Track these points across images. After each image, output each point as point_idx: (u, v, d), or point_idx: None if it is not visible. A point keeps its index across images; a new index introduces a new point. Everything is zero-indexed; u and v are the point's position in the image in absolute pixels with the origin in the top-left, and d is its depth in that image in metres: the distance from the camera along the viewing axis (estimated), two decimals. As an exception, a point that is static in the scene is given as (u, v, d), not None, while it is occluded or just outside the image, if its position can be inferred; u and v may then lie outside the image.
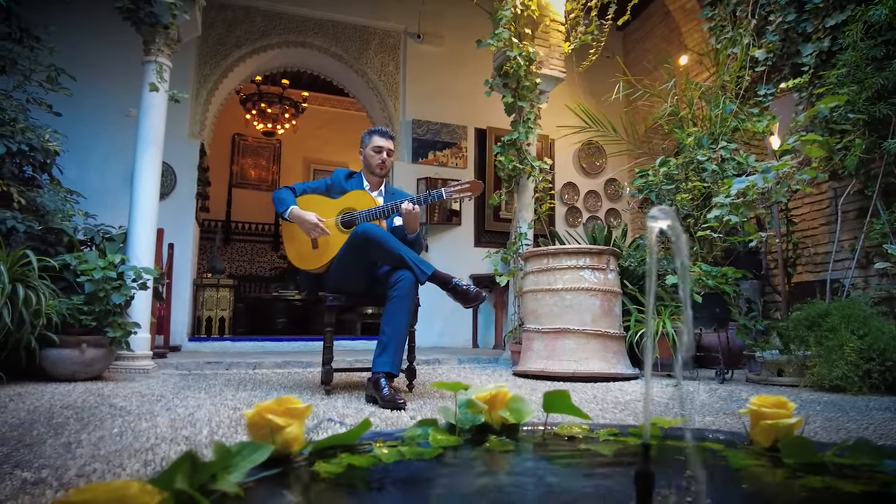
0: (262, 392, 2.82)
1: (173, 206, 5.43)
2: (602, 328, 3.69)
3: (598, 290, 3.74)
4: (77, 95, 5.26)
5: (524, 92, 4.47)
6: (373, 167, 3.04)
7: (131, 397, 2.56)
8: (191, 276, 5.54)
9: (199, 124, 5.65)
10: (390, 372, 2.52)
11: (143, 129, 3.78)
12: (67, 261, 3.11)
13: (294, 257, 2.92)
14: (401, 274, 2.62)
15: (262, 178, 9.47)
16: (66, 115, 5.21)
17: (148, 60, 3.78)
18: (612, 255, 3.90)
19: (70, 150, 5.20)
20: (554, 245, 4.58)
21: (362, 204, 2.90)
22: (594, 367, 3.61)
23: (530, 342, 3.84)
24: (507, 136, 4.47)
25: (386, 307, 2.62)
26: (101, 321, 3.10)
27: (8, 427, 1.84)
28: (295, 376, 3.66)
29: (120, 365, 3.50)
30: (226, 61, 5.82)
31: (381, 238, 2.64)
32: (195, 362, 3.96)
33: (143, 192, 3.73)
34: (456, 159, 6.54)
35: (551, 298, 3.77)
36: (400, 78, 6.45)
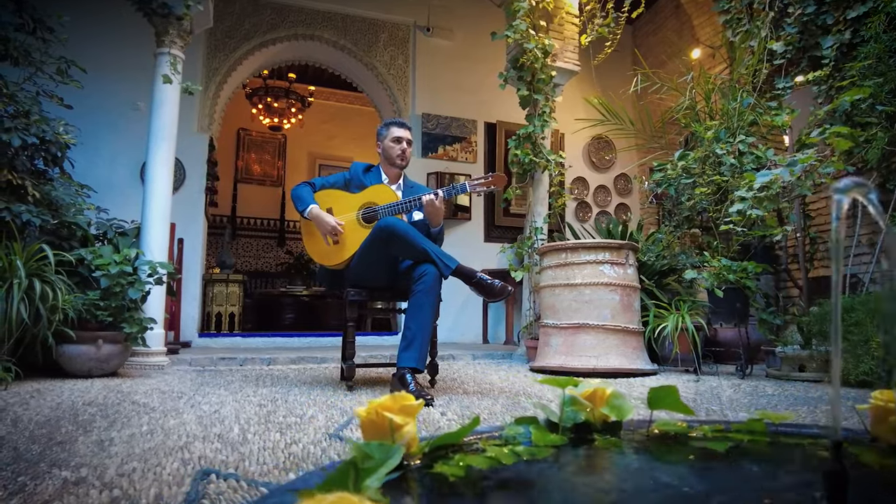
0: (283, 388, 2.78)
1: (182, 201, 5.38)
2: (621, 323, 3.65)
3: (618, 284, 3.70)
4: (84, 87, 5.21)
5: (540, 85, 4.42)
6: (393, 158, 2.99)
7: (152, 394, 2.52)
8: (200, 271, 5.50)
9: (208, 118, 5.60)
10: (416, 367, 2.48)
11: (156, 124, 3.73)
12: (83, 255, 3.06)
13: (315, 254, 2.88)
14: (425, 268, 2.58)
15: (266, 173, 9.41)
16: (77, 108, 5.17)
17: (161, 52, 3.73)
18: (631, 250, 3.85)
19: (78, 142, 5.16)
20: (570, 240, 4.53)
21: (383, 198, 2.85)
22: (613, 362, 3.57)
23: (548, 338, 3.80)
24: (522, 130, 4.42)
25: (410, 302, 2.59)
26: (117, 317, 3.06)
27: (35, 424, 1.80)
28: (311, 372, 3.62)
29: (135, 361, 3.46)
30: (234, 54, 5.77)
31: (405, 232, 2.59)
32: (209, 358, 3.92)
33: (156, 187, 3.69)
34: (466, 153, 6.49)
35: (570, 293, 3.73)
36: (409, 71, 6.39)
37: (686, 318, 3.71)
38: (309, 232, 2.89)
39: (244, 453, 1.49)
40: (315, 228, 2.85)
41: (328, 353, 4.50)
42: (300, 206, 2.84)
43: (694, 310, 3.96)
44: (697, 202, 4.00)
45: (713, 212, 3.95)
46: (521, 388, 2.94)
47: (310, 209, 2.81)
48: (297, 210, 2.90)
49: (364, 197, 2.89)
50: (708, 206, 4.03)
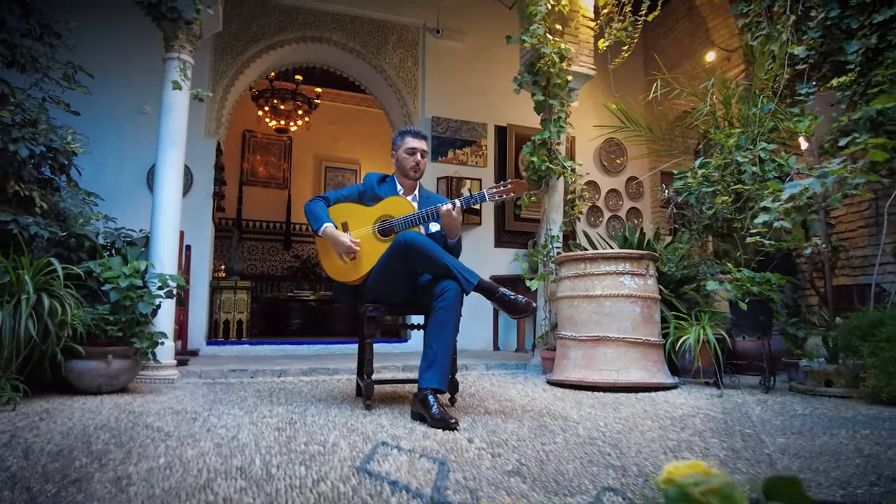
0: (298, 407, 2.69)
1: (190, 207, 5.29)
2: (642, 336, 3.57)
3: (639, 296, 3.61)
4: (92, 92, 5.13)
5: (555, 90, 4.32)
6: (406, 170, 2.91)
7: (165, 415, 2.44)
8: (208, 278, 5.42)
9: (216, 122, 5.51)
10: (438, 388, 2.40)
11: (165, 130, 3.64)
12: (91, 268, 2.98)
13: (331, 270, 2.79)
14: (446, 284, 2.50)
15: (272, 175, 9.32)
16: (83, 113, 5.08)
17: (170, 57, 3.64)
18: (651, 260, 3.77)
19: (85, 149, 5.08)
20: (587, 248, 4.44)
21: (399, 210, 2.77)
22: (634, 376, 3.48)
23: (566, 350, 3.71)
24: (537, 136, 4.33)
25: (431, 319, 2.50)
26: (126, 331, 2.98)
27: (47, 456, 1.72)
28: (324, 385, 3.54)
29: (144, 375, 3.38)
30: (242, 57, 5.68)
31: (425, 246, 2.51)
32: (219, 370, 3.83)
33: (165, 195, 3.60)
34: (476, 157, 6.40)
35: (589, 305, 3.64)
36: (419, 74, 6.30)
37: (707, 331, 3.62)
38: (325, 249, 2.81)
39: (271, 494, 1.40)
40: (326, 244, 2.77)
41: (339, 362, 4.42)
42: (314, 223, 2.76)
43: (714, 321, 3.87)
44: (718, 211, 3.91)
45: (737, 221, 3.86)
46: (544, 405, 2.85)
47: (324, 228, 2.72)
48: (311, 228, 2.81)
49: (380, 209, 2.81)
50: (728, 215, 3.94)
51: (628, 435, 2.19)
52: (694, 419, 2.54)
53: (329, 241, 2.72)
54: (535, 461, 1.77)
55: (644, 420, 2.51)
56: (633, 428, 2.32)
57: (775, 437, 2.18)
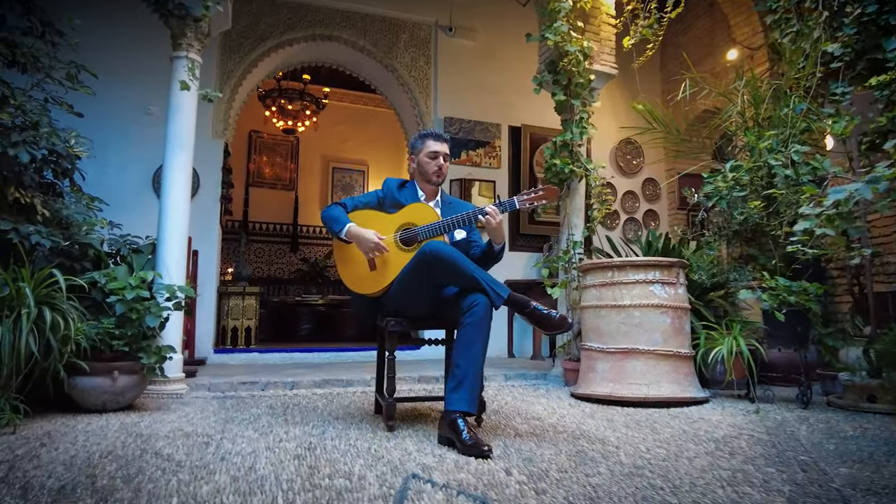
0: (316, 427, 2.53)
1: (197, 211, 5.12)
2: (673, 348, 3.40)
3: (669, 306, 3.44)
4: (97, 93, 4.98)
5: (577, 89, 4.15)
6: (428, 175, 2.74)
7: (175, 439, 2.28)
8: (215, 283, 5.26)
9: (223, 123, 5.36)
10: (467, 411, 2.23)
11: (172, 132, 3.49)
12: (95, 278, 2.82)
13: (349, 281, 2.62)
14: (475, 298, 2.33)
15: (279, 177, 9.17)
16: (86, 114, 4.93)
17: (177, 56, 3.49)
18: (681, 268, 3.60)
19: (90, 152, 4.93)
20: (612, 254, 4.27)
21: (423, 218, 2.60)
22: (665, 390, 3.31)
23: (592, 362, 3.54)
24: (559, 137, 4.16)
25: (458, 335, 2.33)
26: (133, 345, 2.82)
27: (48, 495, 1.55)
28: (340, 399, 3.38)
29: (152, 390, 3.23)
30: (250, 56, 5.52)
31: (452, 258, 2.35)
32: (228, 382, 3.68)
33: (173, 200, 3.45)
34: (490, 159, 6.23)
35: (617, 315, 3.47)
36: (431, 73, 6.13)
37: (740, 342, 3.45)
38: (343, 257, 2.64)
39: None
40: (350, 253, 2.60)
41: (352, 372, 4.26)
42: (336, 226, 2.60)
43: (746, 331, 3.70)
44: (749, 216, 3.73)
45: (768, 227, 3.67)
46: (575, 425, 2.69)
47: (347, 228, 2.56)
48: (332, 232, 2.65)
49: (401, 217, 2.64)
50: (759, 221, 3.76)
51: (675, 462, 2.03)
52: (739, 441, 2.38)
53: (354, 239, 2.55)
54: (585, 499, 1.60)
55: (686, 443, 2.34)
56: (677, 454, 2.15)
57: (836, 465, 2.01)
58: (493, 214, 2.50)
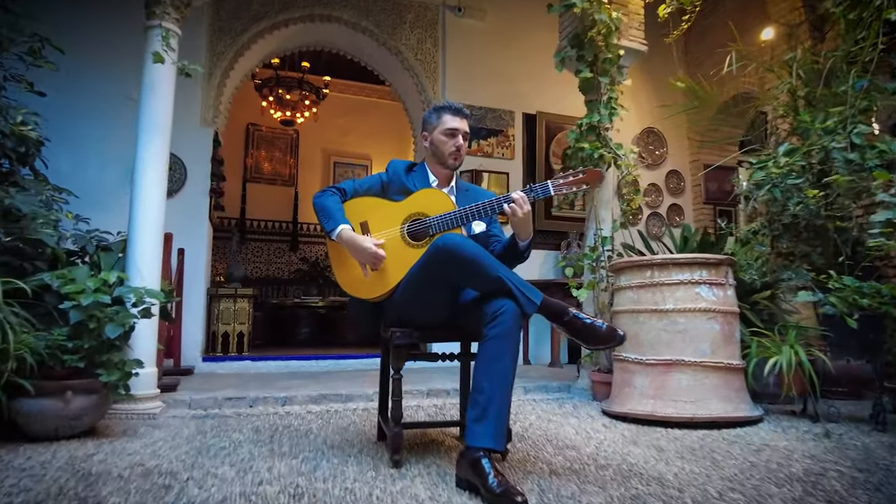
0: (307, 460, 2.08)
1: (183, 205, 4.70)
2: (723, 359, 2.93)
3: (718, 310, 2.97)
4: (72, 77, 4.54)
5: (605, 65, 3.69)
6: (444, 156, 2.30)
7: (129, 481, 1.83)
8: (204, 284, 4.81)
9: (213, 110, 4.91)
10: (494, 448, 1.77)
11: (147, 112, 3.05)
12: (46, 281, 2.37)
13: (346, 283, 2.17)
14: (501, 304, 1.87)
15: (277, 172, 8.72)
16: (59, 100, 4.48)
17: (151, 26, 3.04)
18: (730, 266, 3.13)
19: (63, 140, 4.49)
20: (646, 252, 3.80)
21: (435, 207, 2.15)
22: (715, 409, 2.85)
23: (628, 375, 3.08)
24: (584, 118, 3.70)
25: (481, 350, 1.88)
26: (91, 360, 2.37)
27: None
28: (338, 419, 2.93)
29: (120, 409, 2.78)
30: (242, 37, 5.07)
31: (473, 254, 1.89)
32: (212, 398, 3.23)
33: (146, 190, 3.00)
34: (502, 148, 5.76)
35: (658, 322, 3.00)
36: (439, 56, 5.67)
37: (799, 352, 2.98)
38: (339, 257, 2.19)
39: None
40: (345, 252, 2.15)
41: (352, 383, 3.81)
42: (326, 223, 2.14)
43: (805, 338, 3.23)
44: (806, 206, 3.26)
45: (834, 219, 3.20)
46: (619, 456, 2.22)
47: (339, 231, 2.10)
48: (322, 227, 2.20)
49: (410, 206, 2.19)
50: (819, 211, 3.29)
51: (763, 517, 1.57)
52: (829, 482, 1.91)
53: (347, 247, 2.10)
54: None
55: (763, 483, 1.88)
56: (759, 501, 1.69)
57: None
58: (521, 203, 2.04)
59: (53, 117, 4.42)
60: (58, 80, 4.44)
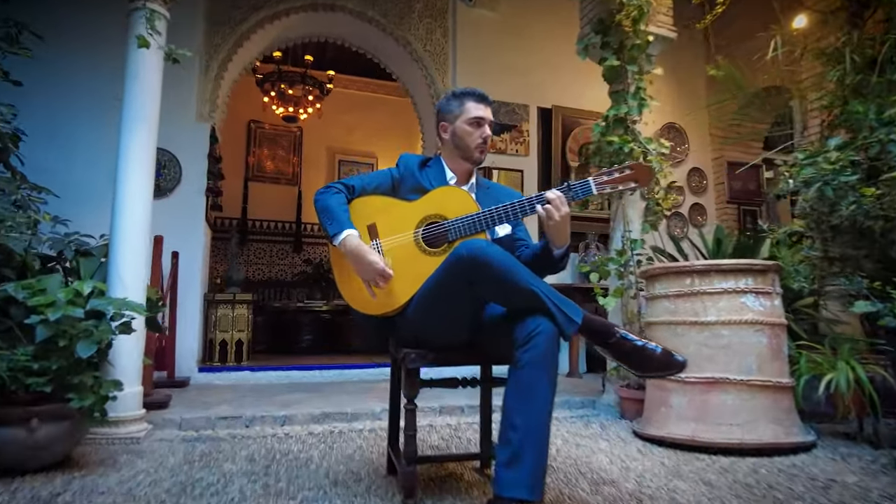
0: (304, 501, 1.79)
1: (178, 205, 4.42)
2: (771, 377, 2.62)
3: (765, 322, 2.66)
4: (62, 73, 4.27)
5: (633, 52, 3.38)
6: (469, 149, 1.99)
7: (92, 536, 1.54)
8: (201, 289, 4.52)
9: (210, 104, 4.62)
10: (529, 500, 1.47)
11: (131, 102, 2.76)
12: (10, 293, 2.09)
13: (351, 296, 1.88)
14: (535, 325, 1.57)
15: (281, 171, 8.43)
16: (47, 96, 4.23)
17: (135, 7, 2.75)
18: (777, 273, 2.82)
19: (52, 137, 4.22)
20: (679, 257, 3.49)
21: (455, 208, 1.85)
22: (765, 433, 2.54)
23: (665, 394, 2.77)
24: (611, 110, 3.39)
25: (513, 380, 1.58)
26: (61, 382, 2.08)
27: None
28: (342, 444, 2.63)
29: (101, 433, 2.49)
30: (241, 27, 4.78)
31: (504, 264, 1.60)
32: (205, 417, 2.94)
33: (130, 188, 2.72)
34: (516, 145, 5.45)
35: (699, 335, 2.69)
36: (449, 48, 5.36)
37: (857, 368, 2.67)
38: (341, 264, 1.90)
39: None
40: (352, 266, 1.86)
41: (358, 399, 3.52)
42: (330, 226, 1.84)
43: (861, 352, 2.92)
44: (858, 206, 2.93)
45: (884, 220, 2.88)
46: (666, 494, 1.92)
47: (344, 237, 1.81)
48: (324, 230, 1.90)
49: (425, 207, 1.89)
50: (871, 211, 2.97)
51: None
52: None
53: (350, 259, 1.81)
54: None
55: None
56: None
57: None
58: (558, 204, 1.74)
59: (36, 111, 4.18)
60: (46, 78, 4.19)
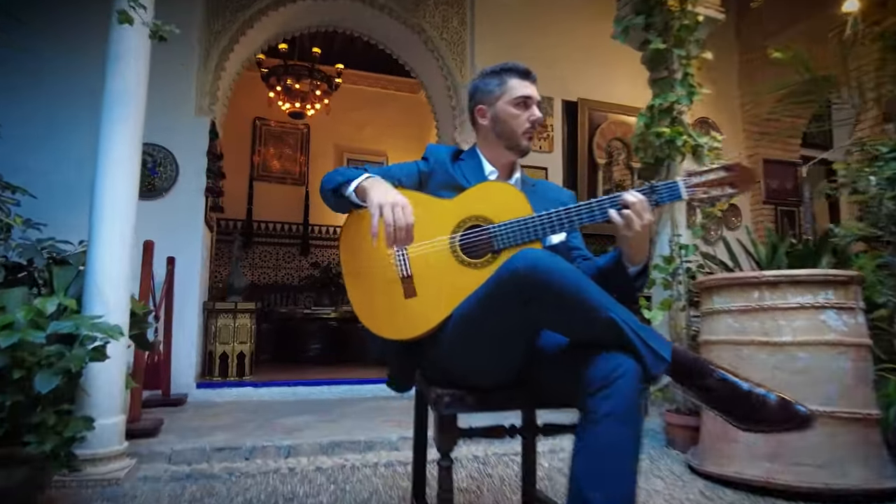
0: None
1: (174, 206, 4.07)
2: (858, 408, 2.23)
3: (848, 343, 2.28)
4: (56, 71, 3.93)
5: (681, 33, 3.00)
6: (516, 136, 1.64)
7: None
8: (199, 297, 4.17)
9: (209, 97, 4.26)
10: None
11: (113, 89, 2.40)
12: (-44, 313, 1.73)
13: (365, 311, 1.51)
14: (615, 364, 1.20)
15: (287, 170, 8.08)
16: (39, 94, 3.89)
17: (118, -21, 2.39)
18: (860, 285, 2.43)
19: (42, 136, 3.89)
20: (728, 263, 3.10)
21: (502, 209, 1.49)
22: (854, 476, 2.15)
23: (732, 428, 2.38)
24: (656, 100, 3.01)
25: (587, 437, 1.20)
26: (16, 422, 1.73)
27: None
28: (355, 482, 2.27)
29: (70, 475, 2.13)
30: (243, 14, 4.43)
31: (573, 282, 1.22)
32: (199, 449, 2.58)
33: (111, 187, 2.36)
34: (540, 140, 5.07)
35: (770, 357, 2.31)
36: (467, 37, 4.99)
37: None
38: (353, 269, 1.54)
39: None
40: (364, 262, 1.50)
41: (371, 422, 3.16)
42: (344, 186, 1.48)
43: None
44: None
45: None
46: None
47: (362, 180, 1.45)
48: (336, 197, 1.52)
49: (463, 207, 1.52)
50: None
51: None
52: None
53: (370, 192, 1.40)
54: None
55: None
56: None
57: None
58: (640, 209, 1.37)
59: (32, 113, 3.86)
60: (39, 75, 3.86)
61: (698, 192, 1.41)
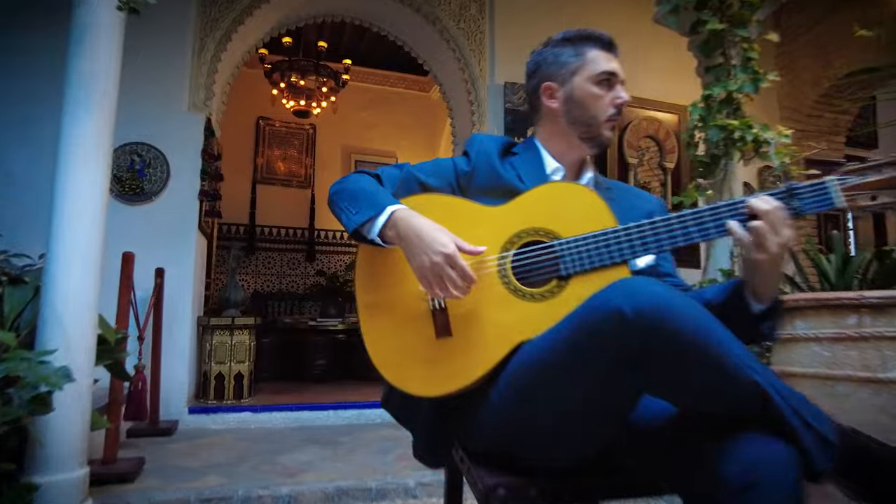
0: None
1: (164, 211, 3.69)
2: None
3: (972, 380, 1.85)
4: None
5: (744, 12, 2.59)
6: (596, 122, 1.24)
7: None
8: (193, 312, 3.77)
9: (204, 90, 3.88)
10: None
11: (75, 73, 2.02)
12: None
13: (383, 357, 1.13)
14: (760, 451, 0.79)
15: (293, 173, 7.70)
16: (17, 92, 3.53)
17: (84, -57, 2.01)
18: (979, 307, 2.00)
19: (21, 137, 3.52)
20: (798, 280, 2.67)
21: (572, 219, 1.09)
22: None
23: (823, 479, 1.96)
24: (715, 88, 2.59)
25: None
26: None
27: None
28: (366, 552, 1.86)
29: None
30: (241, 2, 4.05)
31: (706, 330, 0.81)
32: (182, 496, 2.18)
33: (73, 187, 1.97)
34: (564, 140, 4.66)
35: (875, 396, 1.89)
36: (486, 26, 4.58)
37: None
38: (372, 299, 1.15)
39: None
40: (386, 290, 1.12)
41: (383, 461, 2.77)
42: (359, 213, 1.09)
43: None
44: None
45: None
46: None
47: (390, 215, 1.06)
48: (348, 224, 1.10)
49: (518, 215, 1.13)
50: None
51: None
52: None
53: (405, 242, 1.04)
54: None
55: None
56: None
57: None
58: (774, 221, 0.96)
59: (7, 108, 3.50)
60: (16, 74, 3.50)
61: (858, 198, 1.00)
